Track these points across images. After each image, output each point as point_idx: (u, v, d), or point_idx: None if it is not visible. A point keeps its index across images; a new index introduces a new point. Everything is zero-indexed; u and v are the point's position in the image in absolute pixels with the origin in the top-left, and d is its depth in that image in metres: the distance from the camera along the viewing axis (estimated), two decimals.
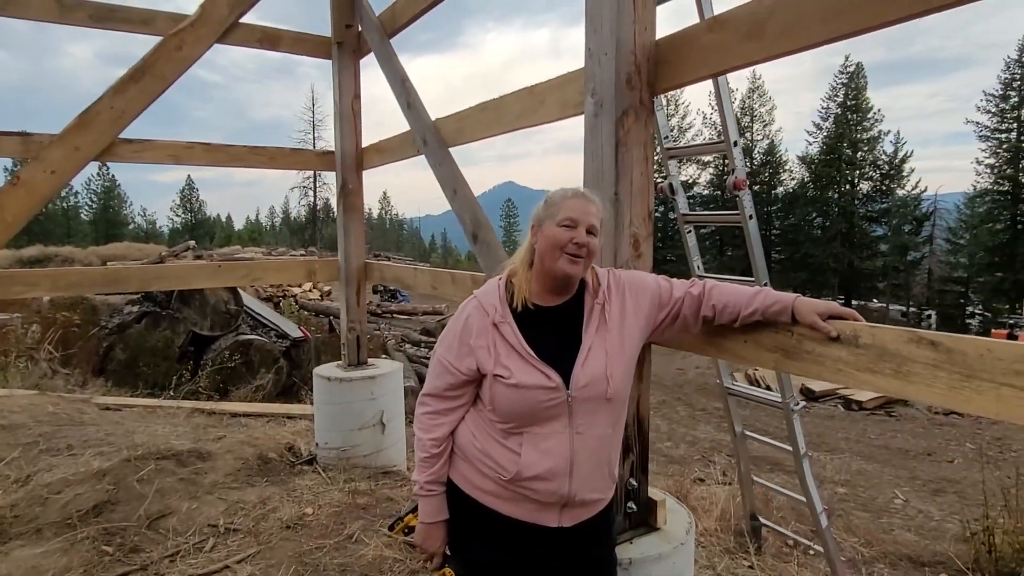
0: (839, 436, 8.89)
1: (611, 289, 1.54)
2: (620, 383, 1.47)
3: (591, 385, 1.44)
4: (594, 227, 1.48)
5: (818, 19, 1.32)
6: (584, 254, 1.46)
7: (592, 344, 1.47)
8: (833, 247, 38.57)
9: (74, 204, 58.42)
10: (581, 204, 1.48)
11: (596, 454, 1.47)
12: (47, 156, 3.13)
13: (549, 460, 1.44)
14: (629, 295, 1.54)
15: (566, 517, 1.47)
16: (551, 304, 1.52)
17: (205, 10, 3.44)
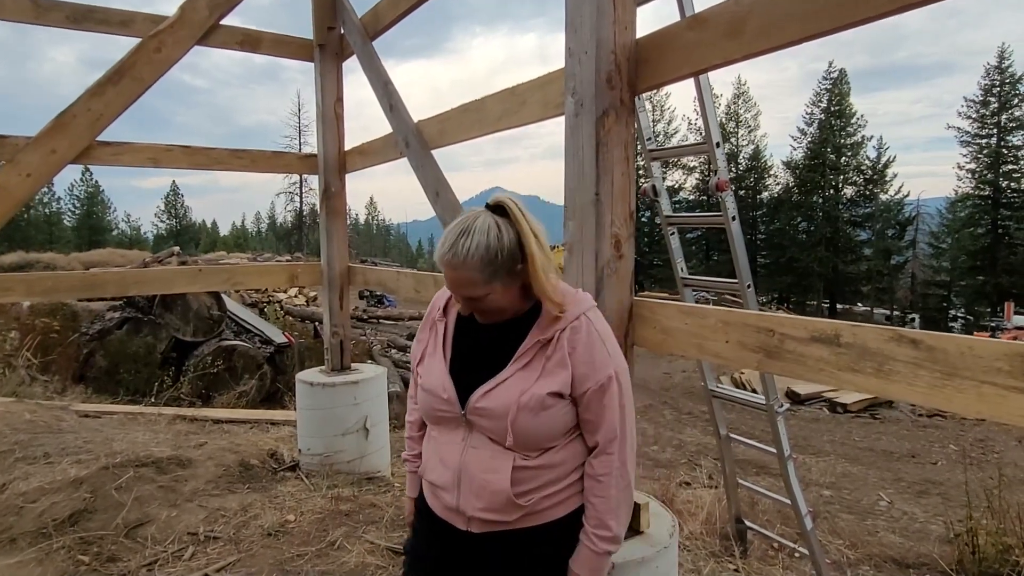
0: (824, 439, 8.94)
1: (568, 334, 1.32)
2: (527, 435, 1.31)
3: (489, 418, 1.33)
4: (472, 296, 1.31)
5: (796, 17, 1.32)
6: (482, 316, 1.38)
7: (511, 377, 1.33)
8: (818, 251, 38.97)
9: (56, 210, 57.65)
10: (449, 275, 1.30)
11: (491, 475, 1.33)
12: (23, 159, 3.07)
13: (441, 467, 1.40)
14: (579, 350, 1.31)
15: (473, 524, 1.37)
16: (493, 319, 1.40)
17: (185, 12, 3.40)
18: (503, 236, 1.27)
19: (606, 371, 1.31)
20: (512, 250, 1.28)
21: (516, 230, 1.29)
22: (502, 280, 1.30)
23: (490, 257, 1.26)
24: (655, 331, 1.74)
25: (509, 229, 1.29)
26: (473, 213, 1.32)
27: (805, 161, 41.26)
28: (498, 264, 1.27)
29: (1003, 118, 35.74)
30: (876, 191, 39.97)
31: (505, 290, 1.32)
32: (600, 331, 1.35)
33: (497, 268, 1.27)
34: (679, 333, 1.66)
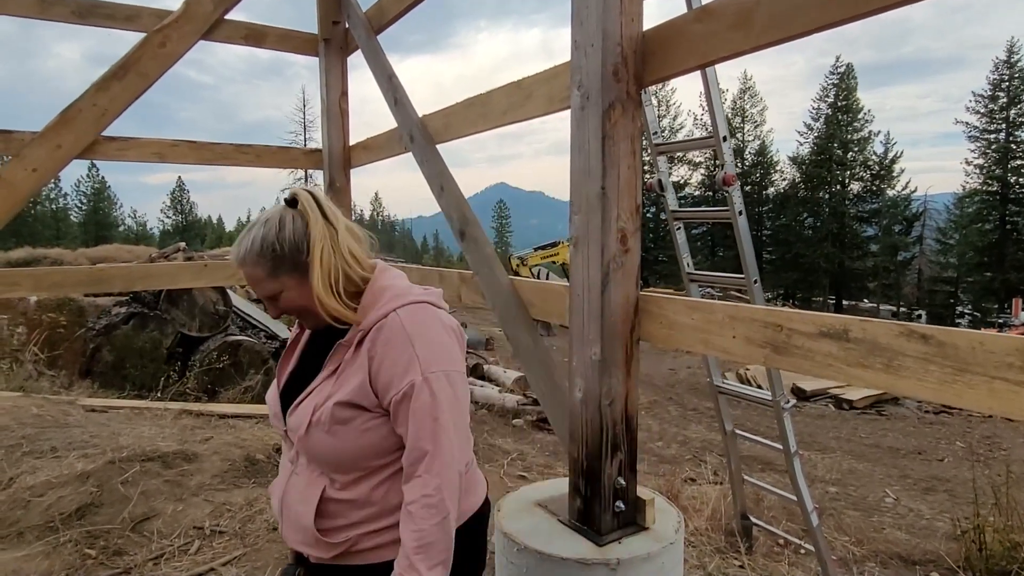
0: (830, 435, 8.90)
1: (372, 335, 1.19)
2: (322, 455, 1.21)
3: (292, 430, 1.25)
4: (268, 293, 1.23)
5: (806, 7, 1.30)
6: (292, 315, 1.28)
7: (316, 388, 1.24)
8: (824, 247, 38.81)
9: (63, 206, 57.90)
10: (245, 272, 1.23)
11: (301, 506, 1.24)
12: (28, 154, 3.07)
13: (274, 492, 1.35)
14: (380, 353, 1.17)
15: (312, 551, 1.26)
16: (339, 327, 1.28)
17: (190, 6, 3.39)
18: (285, 228, 1.20)
19: (410, 375, 1.15)
20: (295, 242, 1.20)
21: (304, 221, 1.22)
22: (289, 275, 1.21)
23: (267, 251, 1.20)
24: (661, 326, 1.73)
25: (297, 221, 1.22)
26: (271, 208, 1.27)
27: (811, 156, 41.06)
28: (279, 257, 1.20)
29: (1012, 113, 35.44)
30: (883, 187, 39.75)
31: (300, 286, 1.22)
32: (411, 330, 1.18)
33: (279, 262, 1.20)
34: (686, 328, 1.65)
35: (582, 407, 1.81)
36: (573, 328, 1.84)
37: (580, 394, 1.81)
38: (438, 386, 1.16)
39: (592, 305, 1.74)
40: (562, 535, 1.80)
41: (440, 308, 1.31)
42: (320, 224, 1.21)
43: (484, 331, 15.38)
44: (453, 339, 1.26)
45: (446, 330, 1.26)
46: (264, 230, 1.21)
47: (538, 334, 2.28)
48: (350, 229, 1.29)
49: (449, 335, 1.26)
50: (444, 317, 1.28)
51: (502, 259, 8.78)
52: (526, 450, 5.79)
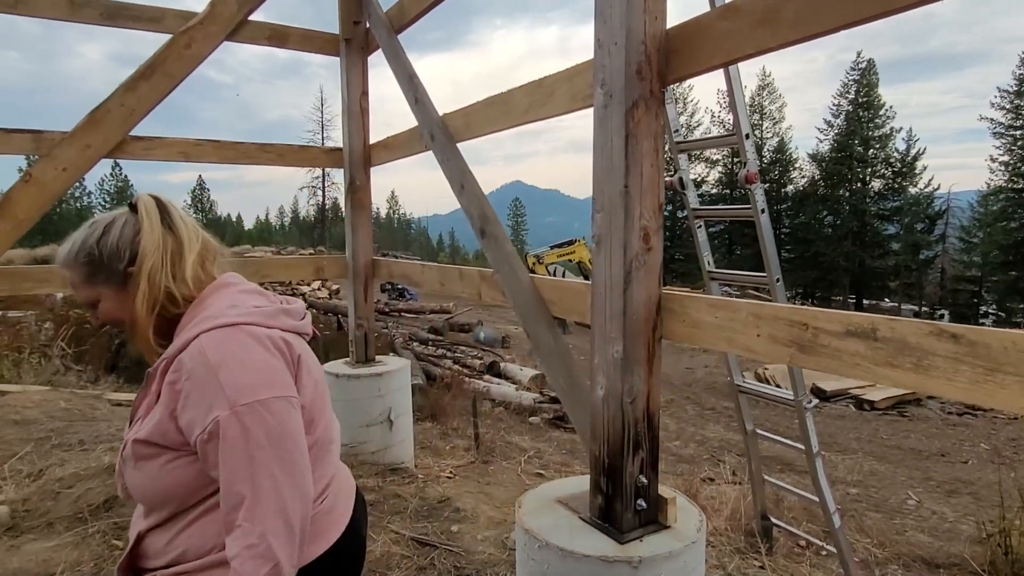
0: (851, 436, 8.80)
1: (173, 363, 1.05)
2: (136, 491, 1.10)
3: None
4: (86, 299, 1.15)
5: (834, 3, 1.29)
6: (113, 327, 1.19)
7: (138, 416, 1.13)
8: (844, 246, 38.30)
9: (87, 204, 59.04)
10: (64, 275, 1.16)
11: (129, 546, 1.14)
12: (58, 153, 3.14)
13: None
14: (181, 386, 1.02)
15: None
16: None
17: (214, 7, 3.44)
18: (110, 234, 1.13)
19: (215, 411, 0.99)
20: (116, 250, 1.11)
21: (136, 229, 1.13)
22: (106, 284, 1.12)
23: (82, 255, 1.12)
24: (684, 325, 1.72)
25: (127, 227, 1.14)
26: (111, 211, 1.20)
27: (831, 154, 40.54)
28: (95, 264, 1.12)
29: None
30: (905, 184, 39.13)
31: (117, 298, 1.13)
32: (214, 358, 1.02)
33: (95, 269, 1.12)
34: (709, 327, 1.65)
35: (604, 405, 1.81)
36: (595, 326, 1.84)
37: (602, 392, 1.82)
38: (251, 420, 0.99)
39: (614, 303, 1.74)
40: (583, 532, 1.80)
41: (268, 327, 1.13)
42: (156, 234, 1.13)
43: (500, 329, 15.41)
44: (278, 361, 1.09)
45: (267, 351, 1.08)
46: (86, 233, 1.14)
47: (559, 332, 2.29)
48: (205, 243, 1.22)
49: (272, 357, 1.09)
50: (269, 336, 1.11)
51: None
52: (543, 448, 5.80)
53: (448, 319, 14.91)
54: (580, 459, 5.61)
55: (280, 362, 1.09)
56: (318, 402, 1.21)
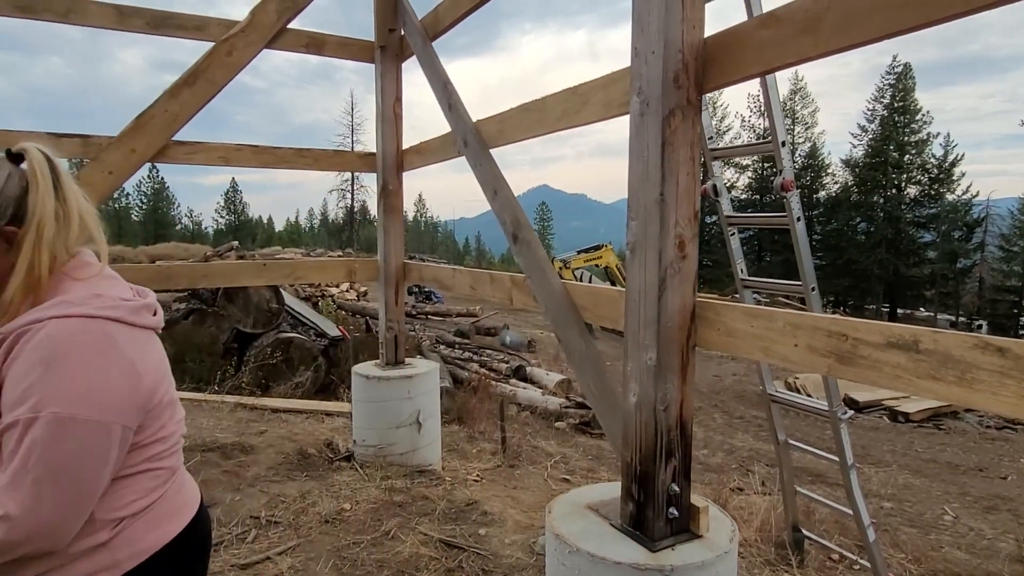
0: (884, 448, 8.60)
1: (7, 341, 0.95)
2: None
3: None
4: None
5: (879, 12, 1.28)
6: None
7: None
8: (878, 253, 37.45)
9: (125, 205, 60.68)
10: None
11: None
12: (105, 157, 3.25)
13: None
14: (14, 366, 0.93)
15: None
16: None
17: (255, 16, 3.53)
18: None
19: (21, 408, 0.90)
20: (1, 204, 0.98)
21: (23, 185, 1.01)
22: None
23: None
24: (719, 333, 1.72)
25: (11, 182, 1.00)
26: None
27: (866, 159, 39.72)
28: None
29: None
30: (942, 191, 38.13)
31: None
32: (53, 350, 0.92)
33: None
34: (744, 335, 1.64)
35: (636, 412, 1.81)
36: (628, 333, 1.84)
37: (634, 399, 1.82)
38: (45, 431, 0.90)
39: (648, 310, 1.75)
40: (614, 539, 1.81)
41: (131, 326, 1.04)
42: (49, 196, 1.01)
43: (526, 333, 15.41)
44: (121, 378, 0.99)
45: (119, 361, 0.99)
46: None
47: (590, 338, 2.30)
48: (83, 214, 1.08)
49: (119, 372, 0.99)
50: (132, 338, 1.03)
51: None
52: (569, 453, 5.79)
53: (474, 322, 14.97)
54: (606, 465, 5.59)
55: (123, 378, 0.99)
56: (167, 396, 1.15)
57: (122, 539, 1.07)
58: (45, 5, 3.23)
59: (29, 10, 3.21)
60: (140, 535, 1.10)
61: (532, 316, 18.52)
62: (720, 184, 2.71)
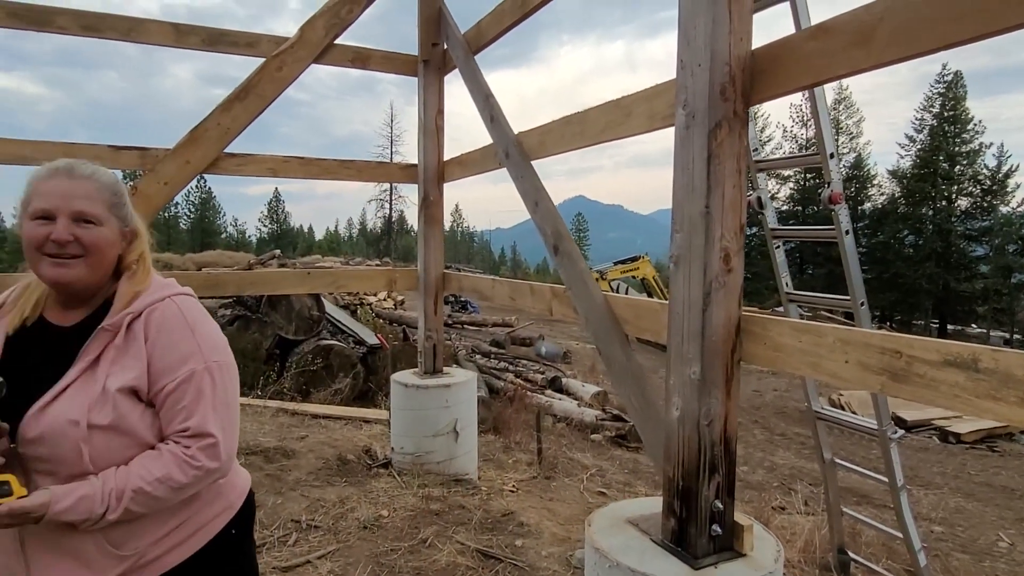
0: (934, 470, 8.27)
1: (137, 321, 1.14)
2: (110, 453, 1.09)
3: (47, 440, 1.06)
4: (87, 213, 1.13)
5: (934, 24, 1.26)
6: (75, 252, 1.11)
7: (74, 382, 1.09)
8: (927, 267, 36.14)
9: (174, 214, 62.85)
10: (59, 186, 1.12)
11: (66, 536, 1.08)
12: (161, 169, 3.39)
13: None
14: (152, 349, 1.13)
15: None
16: (65, 322, 1.18)
17: (304, 33, 3.65)
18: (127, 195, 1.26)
19: (190, 364, 1.15)
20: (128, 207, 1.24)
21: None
22: (116, 220, 1.19)
23: (117, 188, 1.21)
24: (765, 348, 1.69)
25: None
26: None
27: (914, 170, 38.46)
28: (120, 203, 1.21)
29: None
30: (995, 203, 36.62)
31: (112, 235, 1.18)
32: (190, 318, 1.18)
33: (119, 204, 1.20)
34: (792, 351, 1.61)
35: (679, 426, 1.79)
36: (671, 346, 1.83)
37: (677, 413, 1.80)
38: (219, 375, 1.19)
39: (692, 324, 1.73)
40: (655, 555, 1.79)
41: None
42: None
43: (562, 344, 15.36)
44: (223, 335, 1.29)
45: (216, 326, 1.28)
46: (116, 178, 1.25)
47: (631, 351, 2.28)
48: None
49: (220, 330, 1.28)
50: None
51: None
52: (605, 466, 5.74)
53: (510, 332, 14.99)
54: (643, 479, 5.52)
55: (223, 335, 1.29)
56: None
57: (228, 482, 1.32)
58: (109, 24, 3.40)
59: (94, 29, 3.38)
60: (236, 478, 1.36)
61: (568, 327, 18.45)
62: (765, 196, 2.67)
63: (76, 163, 1.19)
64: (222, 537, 1.27)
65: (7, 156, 3.20)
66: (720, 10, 1.64)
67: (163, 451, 1.13)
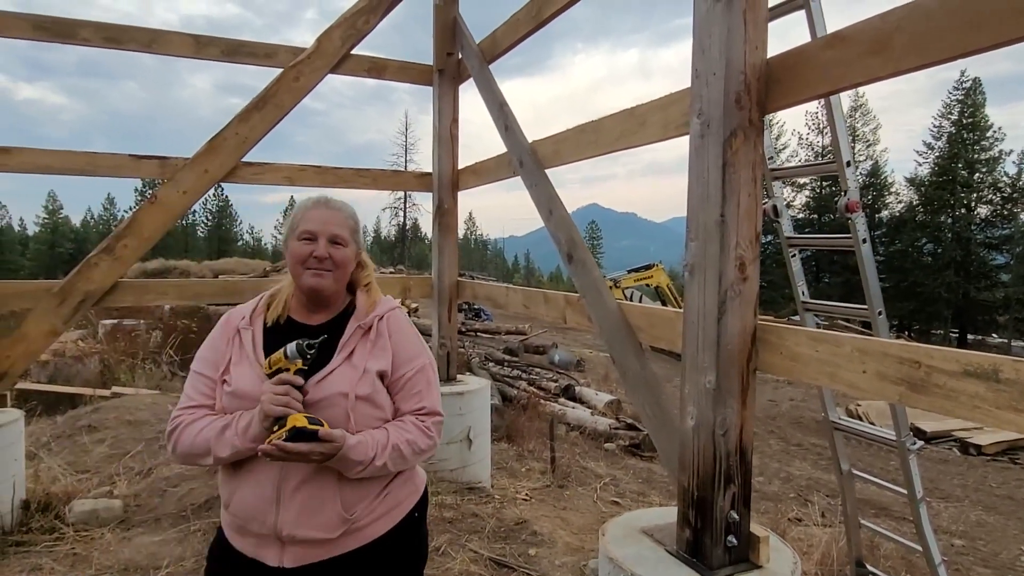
0: (955, 482, 8.12)
1: (380, 322, 1.48)
2: (361, 415, 1.37)
3: (323, 405, 1.34)
4: (339, 236, 1.44)
5: (951, 32, 1.25)
6: (329, 267, 1.43)
7: (340, 365, 1.40)
8: (946, 276, 35.64)
9: (192, 222, 63.67)
10: (320, 214, 1.46)
11: (314, 485, 1.32)
12: (180, 177, 3.44)
13: (254, 485, 1.33)
14: (395, 344, 1.47)
15: (287, 556, 1.33)
16: (311, 322, 1.48)
17: (321, 44, 3.70)
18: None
19: (422, 358, 1.51)
20: (361, 235, 1.56)
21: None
22: (355, 244, 1.50)
23: (356, 219, 1.53)
24: (782, 357, 1.68)
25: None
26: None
27: (932, 178, 38.02)
28: (357, 230, 1.52)
29: None
30: (1016, 210, 36.08)
31: (352, 255, 1.49)
32: (411, 325, 1.57)
33: (356, 231, 1.51)
34: (809, 360, 1.60)
35: (694, 435, 1.78)
36: (686, 355, 1.82)
37: (692, 422, 1.79)
38: (431, 369, 1.53)
39: (707, 332, 1.73)
40: (669, 566, 1.78)
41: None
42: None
43: (575, 352, 15.31)
44: None
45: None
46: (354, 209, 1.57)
47: (646, 359, 2.28)
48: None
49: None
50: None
51: None
52: (619, 475, 5.70)
53: (523, 340, 14.97)
54: (657, 489, 5.48)
55: None
56: None
57: (414, 470, 1.56)
58: (131, 36, 3.47)
59: (116, 41, 3.45)
60: (418, 468, 1.60)
61: (581, 335, 18.40)
62: (780, 205, 2.65)
63: (330, 197, 1.53)
64: (409, 518, 1.50)
65: (32, 166, 3.27)
66: (735, 19, 1.64)
67: (407, 421, 1.44)
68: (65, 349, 7.57)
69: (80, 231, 67.32)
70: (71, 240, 63.20)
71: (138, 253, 3.45)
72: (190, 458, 1.39)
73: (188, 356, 7.21)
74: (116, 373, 6.78)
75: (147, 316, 8.57)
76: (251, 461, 1.33)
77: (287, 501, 1.32)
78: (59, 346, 7.51)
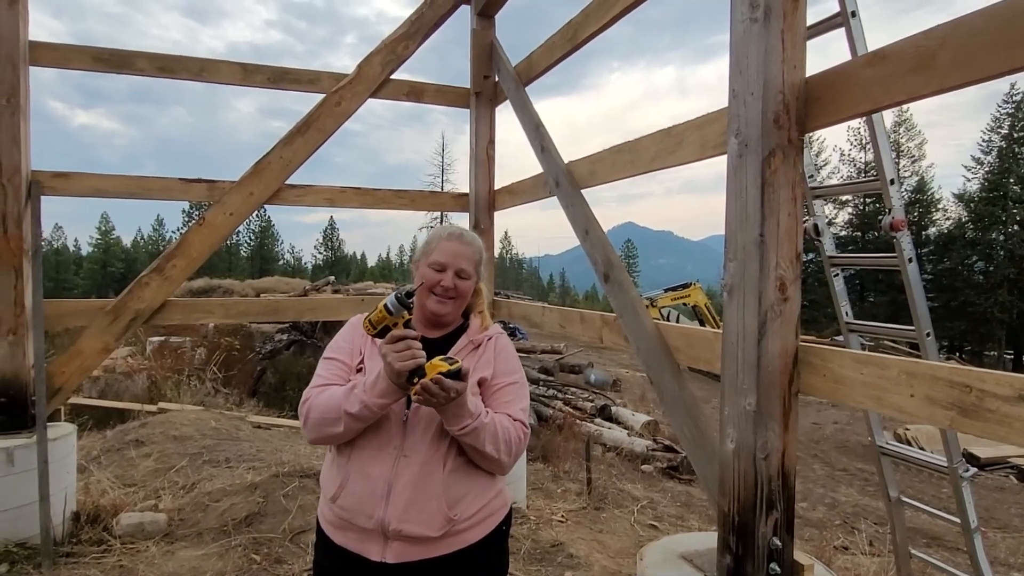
0: (1012, 511, 7.72)
1: (488, 341, 1.62)
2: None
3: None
4: (464, 271, 1.59)
5: (997, 48, 1.23)
6: (453, 295, 1.59)
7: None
8: (999, 295, 34.17)
9: (235, 242, 65.64)
10: (452, 248, 1.60)
11: (421, 483, 1.42)
12: (227, 200, 3.57)
13: (364, 479, 1.43)
14: (497, 359, 1.60)
15: (390, 552, 1.40)
16: (428, 335, 1.59)
17: (362, 69, 3.81)
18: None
19: (519, 373, 1.64)
20: (483, 266, 1.69)
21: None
22: (476, 275, 1.65)
23: (482, 253, 1.67)
24: (825, 379, 1.64)
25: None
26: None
27: (982, 193, 36.69)
28: (480, 263, 1.66)
29: None
30: None
31: (473, 286, 1.65)
32: (512, 348, 1.69)
33: (479, 264, 1.65)
34: (853, 383, 1.56)
35: (734, 458, 1.75)
36: (726, 376, 1.80)
37: (732, 445, 1.76)
38: (525, 388, 1.65)
39: (747, 354, 1.70)
40: None
41: None
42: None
43: (611, 371, 15.16)
44: None
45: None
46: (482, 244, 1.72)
47: (684, 380, 2.25)
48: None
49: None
50: None
51: None
52: (656, 498, 5.59)
53: (558, 359, 14.90)
54: (696, 513, 5.35)
55: None
56: None
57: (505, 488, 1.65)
58: (183, 65, 3.64)
59: (169, 71, 3.62)
60: (507, 487, 1.67)
61: (617, 355, 18.21)
62: (822, 223, 2.60)
63: (463, 231, 1.68)
64: (499, 530, 1.58)
65: (89, 190, 3.43)
66: (772, 39, 1.64)
67: (502, 415, 1.52)
68: (115, 365, 7.86)
69: (131, 251, 70.07)
70: (121, 260, 65.82)
71: (186, 273, 3.57)
72: (321, 425, 1.46)
73: (231, 372, 7.42)
74: (163, 389, 7.01)
75: (192, 334, 8.85)
76: (366, 458, 1.45)
77: (395, 497, 1.40)
78: (109, 362, 7.81)
